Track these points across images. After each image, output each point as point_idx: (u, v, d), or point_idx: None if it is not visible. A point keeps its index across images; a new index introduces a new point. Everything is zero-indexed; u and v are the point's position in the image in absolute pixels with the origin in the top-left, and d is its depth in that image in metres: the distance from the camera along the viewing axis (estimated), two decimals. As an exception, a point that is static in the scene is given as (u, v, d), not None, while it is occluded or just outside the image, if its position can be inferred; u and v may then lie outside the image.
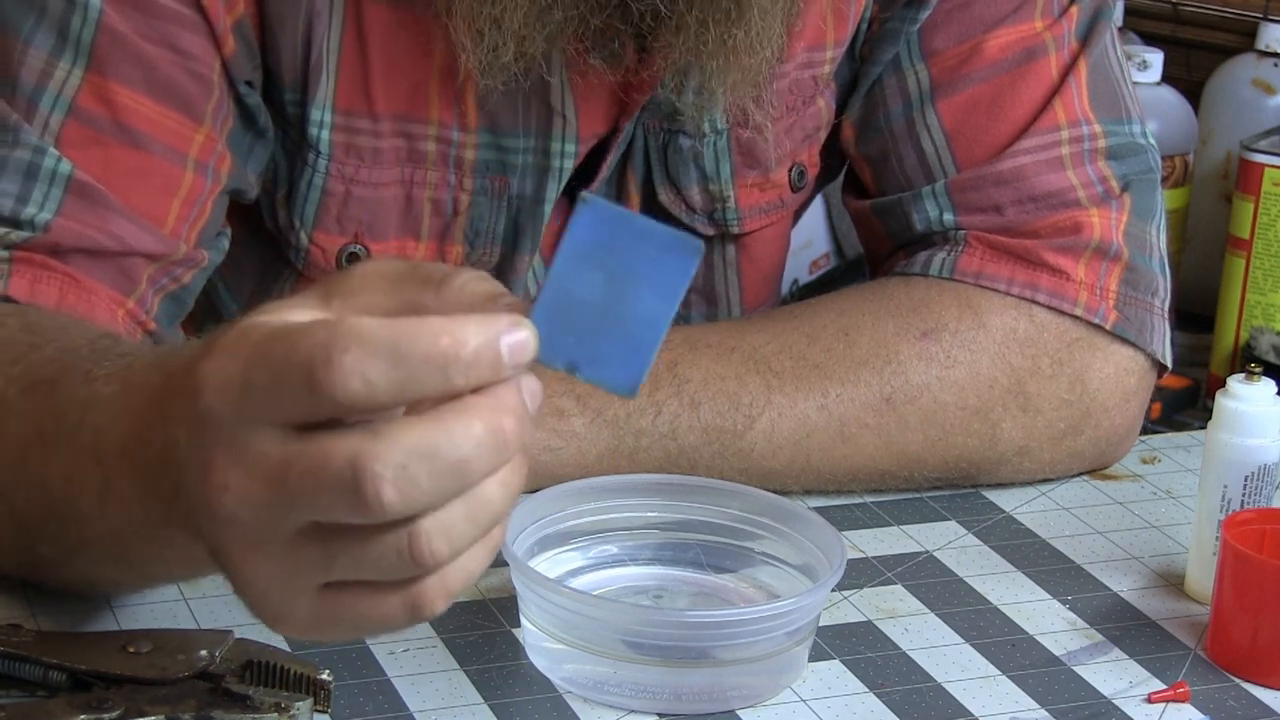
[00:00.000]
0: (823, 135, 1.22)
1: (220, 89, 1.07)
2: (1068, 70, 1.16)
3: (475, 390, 0.69)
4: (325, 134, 1.11)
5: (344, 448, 0.68)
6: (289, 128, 1.12)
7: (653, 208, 1.19)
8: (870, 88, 1.20)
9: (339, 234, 1.13)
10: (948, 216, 1.16)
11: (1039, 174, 1.15)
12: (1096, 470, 1.17)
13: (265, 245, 1.17)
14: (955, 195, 1.16)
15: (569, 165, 1.14)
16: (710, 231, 1.21)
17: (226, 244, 1.11)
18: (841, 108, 1.22)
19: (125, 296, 1.04)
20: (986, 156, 1.16)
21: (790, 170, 1.22)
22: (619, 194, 1.18)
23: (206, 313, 1.19)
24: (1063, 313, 1.13)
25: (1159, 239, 1.18)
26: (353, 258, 1.13)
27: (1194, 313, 1.95)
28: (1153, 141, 1.19)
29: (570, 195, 1.16)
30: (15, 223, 1.02)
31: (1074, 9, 1.17)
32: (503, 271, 1.16)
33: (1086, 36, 1.18)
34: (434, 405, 0.69)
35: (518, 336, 0.69)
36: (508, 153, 1.13)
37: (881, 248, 1.21)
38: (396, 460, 0.68)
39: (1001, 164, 1.15)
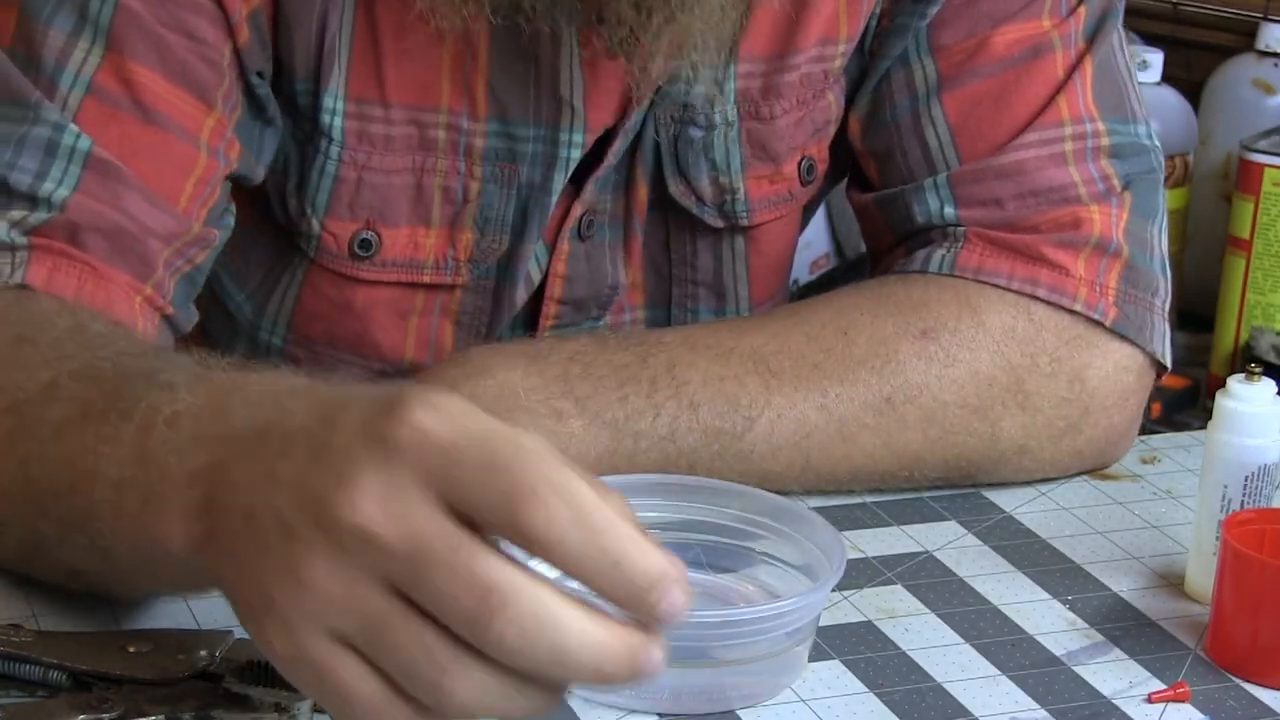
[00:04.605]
0: (832, 130, 1.23)
1: (231, 78, 1.08)
2: (1073, 68, 1.17)
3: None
4: (338, 121, 1.12)
5: (503, 566, 0.70)
6: (300, 118, 1.12)
7: (663, 200, 1.20)
8: (877, 82, 1.20)
9: (351, 220, 1.14)
10: (948, 210, 1.16)
11: (1041, 169, 1.15)
12: (1096, 470, 1.17)
13: (272, 236, 1.17)
14: (957, 188, 1.16)
15: (576, 155, 1.15)
16: (720, 224, 1.21)
17: (232, 221, 1.12)
18: (850, 103, 1.23)
19: (142, 283, 1.05)
20: (990, 151, 1.16)
21: (800, 163, 1.22)
22: (627, 185, 1.19)
23: (209, 303, 1.19)
24: (1062, 308, 1.13)
25: (1160, 239, 1.18)
26: (365, 244, 1.14)
27: (1194, 313, 1.95)
28: (1157, 143, 1.20)
29: (576, 183, 1.17)
30: (33, 200, 1.03)
31: (1082, 9, 1.18)
32: (509, 259, 1.17)
33: (1093, 36, 1.18)
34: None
35: (677, 597, 0.71)
36: (517, 141, 1.14)
37: (883, 242, 1.22)
38: (533, 611, 0.70)
39: (1004, 158, 1.16)
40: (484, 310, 1.19)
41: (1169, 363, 1.17)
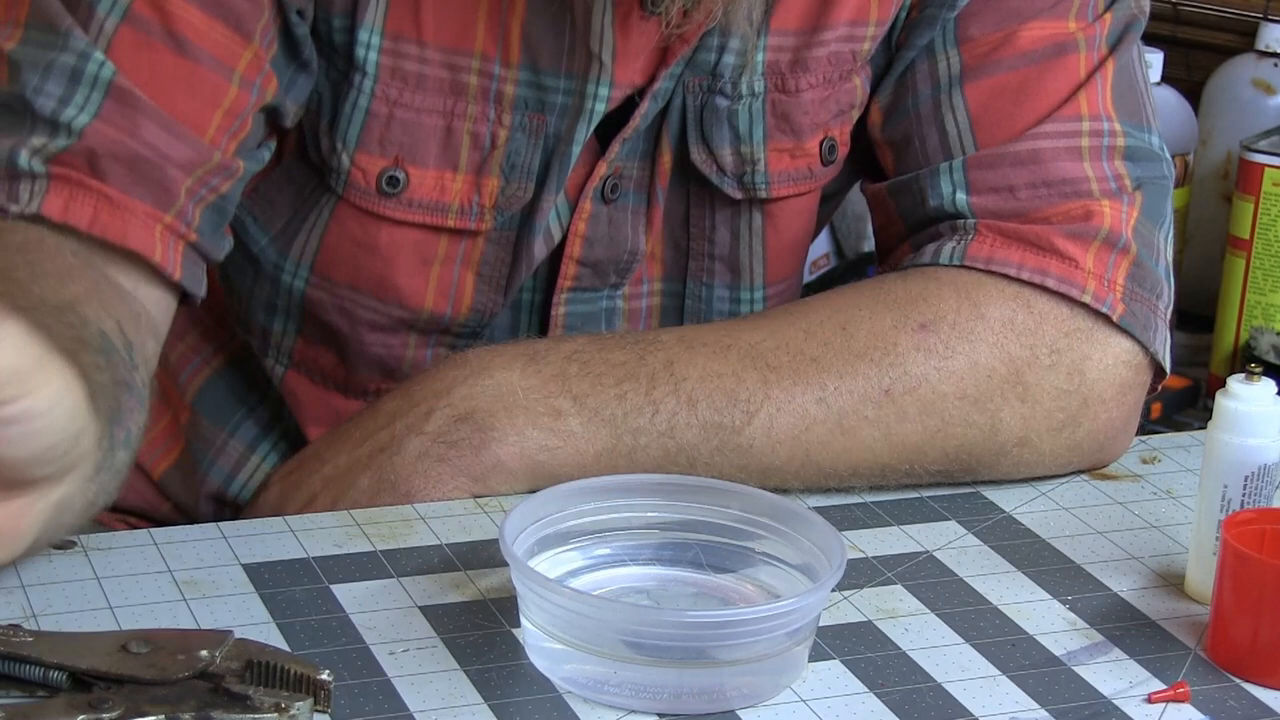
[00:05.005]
0: (855, 115, 1.24)
1: (269, 13, 1.09)
2: (1095, 70, 1.18)
3: None
4: (373, 55, 1.13)
5: None
6: (335, 56, 1.14)
7: (685, 167, 1.20)
8: (902, 72, 1.22)
9: (380, 155, 1.15)
10: (960, 196, 1.17)
11: (1056, 159, 1.16)
12: (1095, 467, 1.17)
13: (300, 178, 1.18)
14: (971, 173, 1.17)
15: (600, 109, 1.16)
16: (739, 195, 1.22)
17: (267, 155, 1.13)
18: (873, 93, 1.24)
19: (163, 211, 1.05)
20: (1007, 139, 1.17)
21: (822, 142, 1.23)
22: (653, 150, 1.20)
23: (237, 248, 1.20)
24: (1065, 300, 1.14)
25: (1166, 247, 1.19)
26: (392, 181, 1.15)
27: (1194, 313, 1.95)
28: (1168, 156, 1.21)
29: (601, 140, 1.18)
30: (54, 125, 1.03)
31: (1108, 16, 1.20)
32: (531, 210, 1.18)
33: (1116, 45, 1.20)
34: None
35: None
36: (547, 91, 1.15)
37: (893, 233, 1.22)
38: None
39: (1020, 145, 1.17)
40: (504, 262, 1.19)
41: (1168, 367, 1.18)
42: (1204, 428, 1.03)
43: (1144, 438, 1.21)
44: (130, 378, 0.93)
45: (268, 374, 1.25)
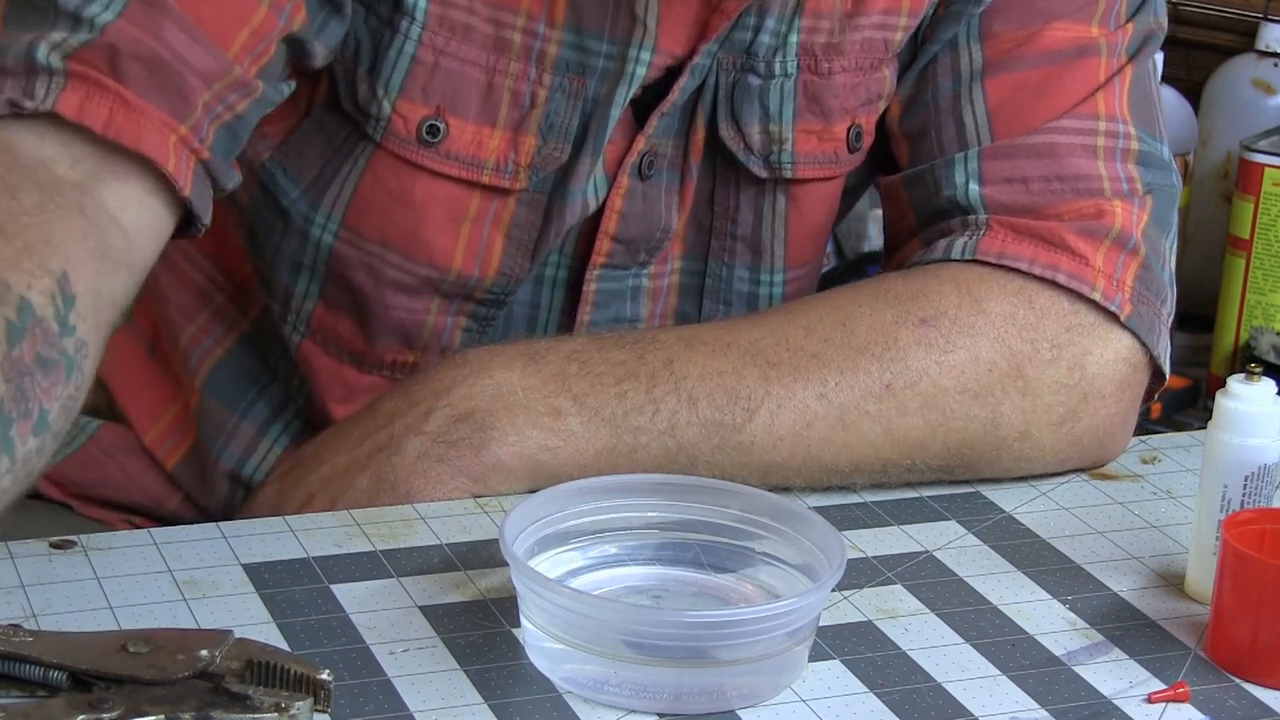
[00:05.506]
0: (881, 106, 1.24)
1: None
2: (1114, 75, 1.19)
3: None
4: (422, 2, 1.12)
5: None
6: (378, 3, 1.13)
7: (714, 143, 1.21)
8: (924, 66, 1.22)
9: (423, 103, 1.15)
10: (973, 187, 1.17)
11: (1071, 155, 1.17)
12: (1095, 465, 1.17)
13: (333, 127, 1.17)
14: (986, 163, 1.18)
15: (641, 73, 1.16)
16: (764, 174, 1.22)
17: (287, 91, 1.11)
18: (895, 88, 1.24)
19: (179, 122, 1.03)
20: (1024, 133, 1.18)
21: (849, 129, 1.23)
22: (688, 128, 1.20)
23: (266, 203, 1.19)
24: (1071, 294, 1.14)
25: (1171, 254, 1.20)
26: (432, 130, 1.15)
27: (1194, 313, 1.96)
28: (1176, 168, 1.22)
29: (639, 115, 1.18)
30: (76, 20, 1.01)
31: (1130, 26, 1.21)
32: (566, 173, 1.17)
33: (1135, 54, 1.21)
34: None
35: None
36: (589, 54, 1.15)
37: (904, 226, 1.22)
38: None
39: (1037, 137, 1.17)
40: (534, 225, 1.18)
41: (1167, 371, 1.18)
42: (1204, 428, 1.03)
43: (1144, 438, 1.21)
44: (50, 352, 0.91)
45: (284, 343, 1.24)
